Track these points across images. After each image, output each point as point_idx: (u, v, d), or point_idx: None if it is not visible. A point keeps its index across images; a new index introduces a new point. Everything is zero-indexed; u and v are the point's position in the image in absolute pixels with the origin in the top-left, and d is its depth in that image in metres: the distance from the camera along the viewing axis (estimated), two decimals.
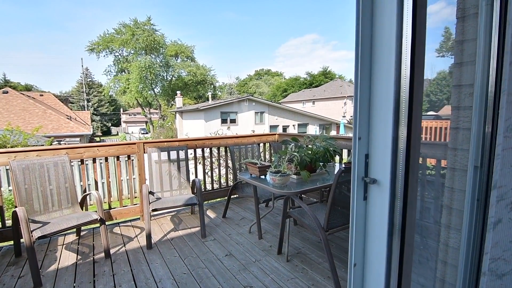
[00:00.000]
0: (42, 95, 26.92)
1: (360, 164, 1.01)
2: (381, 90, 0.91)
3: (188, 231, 3.28)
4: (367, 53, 0.97)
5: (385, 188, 0.96)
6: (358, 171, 1.01)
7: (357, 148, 0.99)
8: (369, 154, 1.00)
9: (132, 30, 29.74)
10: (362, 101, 1.01)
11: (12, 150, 2.86)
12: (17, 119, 16.60)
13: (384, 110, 0.96)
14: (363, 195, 1.02)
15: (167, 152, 3.60)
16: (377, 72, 0.92)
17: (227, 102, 21.75)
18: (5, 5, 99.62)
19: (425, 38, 0.93)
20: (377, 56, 0.92)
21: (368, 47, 0.97)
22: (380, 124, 0.97)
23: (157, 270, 2.46)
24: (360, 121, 1.00)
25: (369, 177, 1.01)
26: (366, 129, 0.98)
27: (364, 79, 0.93)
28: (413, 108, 0.85)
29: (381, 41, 0.90)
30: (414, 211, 0.90)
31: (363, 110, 1.01)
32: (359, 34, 0.96)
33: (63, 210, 2.93)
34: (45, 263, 2.63)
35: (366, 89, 0.97)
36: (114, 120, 54.02)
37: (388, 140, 0.91)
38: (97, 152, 3.33)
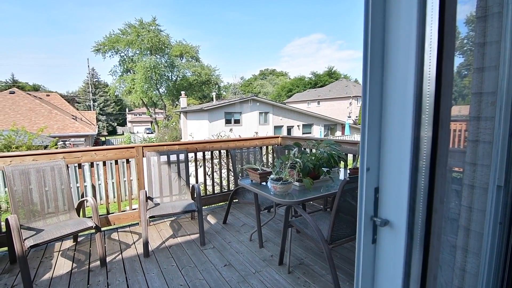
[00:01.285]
0: (48, 95, 27.20)
1: (368, 201, 0.83)
2: (396, 108, 0.76)
3: (187, 238, 3.19)
4: (378, 55, 0.83)
5: (399, 232, 0.78)
6: (365, 208, 0.83)
7: (365, 180, 0.82)
8: (380, 188, 0.83)
9: (137, 30, 29.87)
10: (372, 124, 0.81)
11: (7, 155, 2.80)
12: (23, 119, 16.76)
13: (399, 134, 0.78)
14: (371, 237, 0.84)
15: (166, 156, 3.51)
16: (390, 88, 0.78)
17: (231, 102, 21.67)
18: (14, 7, 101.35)
19: (455, 24, 0.76)
20: (390, 67, 0.78)
21: (379, 46, 0.81)
22: (394, 151, 0.80)
23: (153, 281, 2.36)
24: (369, 148, 0.81)
25: (379, 217, 0.83)
26: (376, 157, 0.82)
27: (374, 95, 0.78)
28: (439, 129, 0.69)
29: (397, 41, 0.76)
30: (437, 262, 0.76)
31: (373, 134, 0.82)
32: (369, 23, 0.80)
33: (59, 216, 2.86)
34: (40, 271, 2.56)
35: (377, 107, 0.81)
36: (120, 120, 54.41)
37: (405, 171, 0.74)
38: (94, 157, 3.25)
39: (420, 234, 0.72)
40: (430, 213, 0.70)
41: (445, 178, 0.68)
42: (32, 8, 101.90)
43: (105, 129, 47.71)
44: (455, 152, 1.30)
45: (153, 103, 34.95)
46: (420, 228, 0.72)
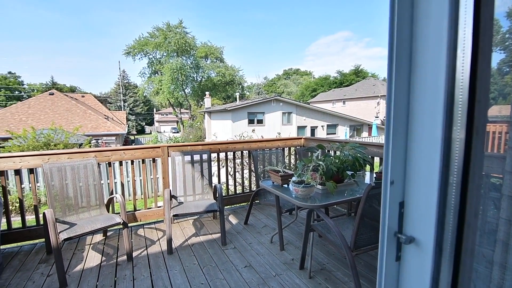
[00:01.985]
0: (83, 96, 29.02)
1: (392, 216, 0.76)
2: (424, 113, 0.69)
3: (209, 237, 3.24)
4: (405, 52, 0.75)
5: (426, 250, 0.70)
6: (389, 223, 0.77)
7: (388, 194, 0.76)
8: (405, 202, 0.76)
9: (165, 33, 30.94)
10: (397, 132, 0.74)
11: (45, 153, 3.01)
12: (60, 119, 18.02)
13: (428, 142, 0.70)
14: (395, 254, 0.78)
15: (190, 156, 3.59)
16: (418, 90, 0.72)
17: (254, 102, 21.75)
18: (54, 14, 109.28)
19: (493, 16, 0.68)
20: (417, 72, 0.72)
21: (406, 42, 0.72)
22: (422, 162, 0.72)
23: (175, 278, 2.43)
24: (394, 159, 0.74)
25: (404, 234, 0.76)
26: (402, 169, 0.75)
27: (399, 99, 0.72)
28: (473, 134, 0.61)
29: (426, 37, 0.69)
30: (469, 281, 0.69)
31: (398, 144, 0.74)
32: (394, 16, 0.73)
33: (90, 211, 3.02)
34: (72, 262, 2.73)
35: (402, 113, 0.74)
36: (148, 120, 56.74)
37: (433, 184, 0.66)
38: (123, 156, 3.41)
39: (449, 252, 0.66)
40: (461, 228, 0.63)
41: (480, 190, 0.61)
42: (70, 14, 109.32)
43: (134, 128, 49.99)
44: (493, 158, 1.19)
45: (179, 103, 36.02)
46: (450, 245, 0.65)
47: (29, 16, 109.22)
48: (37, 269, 2.60)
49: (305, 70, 72.42)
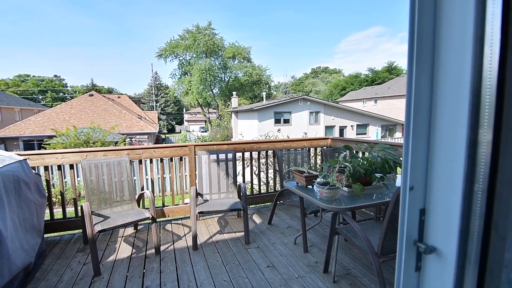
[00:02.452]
0: (119, 97, 30.84)
1: (411, 223, 0.70)
2: (448, 109, 0.64)
3: (233, 235, 3.28)
4: (427, 46, 0.67)
5: (448, 262, 0.64)
6: (408, 231, 0.70)
7: (407, 201, 0.70)
8: (427, 209, 0.70)
9: (194, 35, 31.84)
10: (417, 132, 0.67)
11: (84, 150, 3.24)
12: (99, 118, 19.31)
13: (451, 146, 0.63)
14: (414, 264, 0.72)
15: (216, 155, 3.66)
16: (442, 84, 0.66)
17: (281, 102, 21.63)
18: (94, 21, 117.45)
19: None
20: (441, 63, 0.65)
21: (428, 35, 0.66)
22: (445, 165, 0.65)
23: (199, 274, 2.49)
24: (413, 163, 0.68)
25: (424, 243, 0.69)
26: (423, 174, 0.69)
27: (420, 95, 0.66)
28: (501, 139, 0.53)
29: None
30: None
31: (418, 146, 0.68)
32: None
33: (123, 205, 3.20)
34: (106, 253, 2.91)
35: (424, 114, 0.68)
36: (178, 119, 58.89)
37: (457, 192, 0.60)
38: (153, 154, 3.57)
39: (474, 264, 0.59)
40: (487, 240, 0.57)
41: (510, 198, 0.54)
42: (108, 20, 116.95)
43: (165, 127, 52.14)
44: None
45: (207, 103, 36.91)
46: (475, 257, 0.59)
47: (73, 23, 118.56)
48: (75, 257, 2.81)
49: (334, 68, 70.63)
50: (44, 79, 59.60)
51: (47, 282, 2.39)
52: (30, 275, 2.42)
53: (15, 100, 29.62)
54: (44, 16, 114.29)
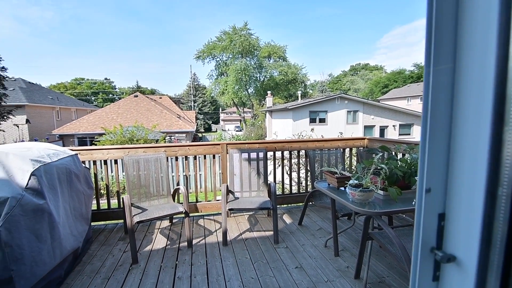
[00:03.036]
0: (161, 97, 32.71)
1: (428, 228, 0.64)
2: (469, 110, 0.56)
3: (262, 234, 3.29)
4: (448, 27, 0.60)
5: (468, 272, 0.57)
6: (423, 237, 0.65)
7: (423, 204, 0.64)
8: (447, 214, 0.63)
9: (231, 36, 32.52)
10: (435, 128, 0.62)
11: (126, 147, 3.50)
12: (142, 117, 20.69)
13: (471, 145, 0.56)
14: (432, 273, 0.66)
15: (247, 153, 3.70)
16: (464, 68, 0.57)
17: (316, 101, 21.15)
18: (139, 26, 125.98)
19: None
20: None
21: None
22: (464, 169, 0.58)
23: (228, 269, 2.54)
24: (430, 163, 0.62)
25: (443, 251, 0.63)
26: (442, 175, 0.62)
27: (439, 82, 0.58)
28: None
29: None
30: None
31: (436, 144, 0.62)
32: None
33: (159, 199, 3.40)
34: (143, 243, 3.11)
35: (443, 108, 0.61)
36: (214, 119, 60.76)
37: (479, 196, 0.53)
38: (188, 151, 3.72)
39: (495, 276, 0.51)
40: (509, 254, 0.48)
41: None
42: (151, 25, 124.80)
43: (202, 126, 54.10)
44: None
45: (242, 102, 37.48)
46: (496, 269, 0.51)
47: (121, 29, 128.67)
48: (116, 245, 3.05)
49: (376, 65, 67.13)
50: (96, 81, 65.70)
51: (92, 266, 2.63)
52: (78, 259, 2.68)
53: (71, 101, 33.05)
54: (97, 24, 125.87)
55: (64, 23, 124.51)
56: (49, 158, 2.48)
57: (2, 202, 1.87)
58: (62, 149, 2.93)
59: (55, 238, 2.20)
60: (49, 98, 26.88)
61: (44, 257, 2.07)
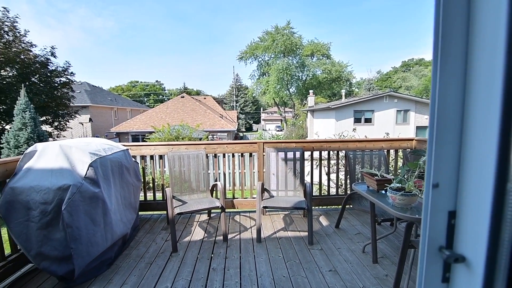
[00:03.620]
0: (205, 98, 34.22)
1: (435, 226, 0.60)
2: (477, 97, 0.52)
3: (297, 234, 3.25)
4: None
5: (476, 274, 0.52)
6: (430, 234, 0.60)
7: (430, 200, 0.60)
8: (458, 212, 0.58)
9: (273, 36, 32.59)
10: (444, 117, 0.56)
11: (170, 143, 3.75)
12: (187, 117, 21.88)
13: (480, 137, 0.51)
14: (441, 274, 0.61)
15: (284, 153, 3.69)
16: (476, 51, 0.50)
17: (362, 99, 20.12)
18: (186, 30, 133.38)
19: None
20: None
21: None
22: (472, 164, 0.53)
23: (260, 265, 2.57)
24: (438, 156, 0.57)
25: (452, 251, 0.58)
26: (452, 170, 0.56)
27: (449, 63, 0.55)
28: None
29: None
30: None
31: (445, 135, 0.57)
32: None
33: (199, 193, 3.58)
34: (183, 234, 3.30)
35: (452, 94, 0.56)
36: (256, 118, 61.56)
37: (487, 192, 0.47)
38: (226, 149, 3.85)
39: (502, 278, 0.44)
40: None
41: None
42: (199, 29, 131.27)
43: (244, 126, 55.23)
44: None
45: (283, 102, 37.34)
46: (503, 270, 0.43)
47: (172, 34, 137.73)
48: (159, 234, 3.29)
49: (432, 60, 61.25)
50: (148, 84, 71.42)
51: (137, 251, 2.88)
52: (126, 243, 2.96)
53: (127, 102, 36.37)
54: (150, 31, 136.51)
55: (122, 31, 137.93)
56: (104, 152, 2.77)
57: (65, 188, 2.16)
58: (116, 144, 3.26)
59: (107, 223, 2.46)
60: (108, 99, 30.00)
61: (98, 239, 2.34)
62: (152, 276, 2.42)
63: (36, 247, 2.11)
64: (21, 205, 2.13)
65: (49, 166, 2.32)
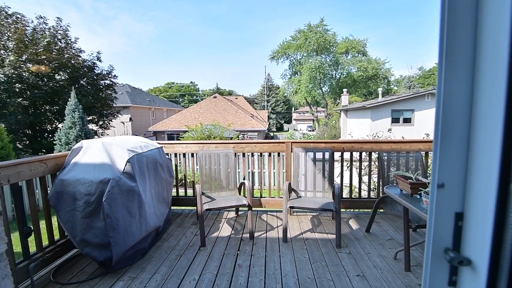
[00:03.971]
0: (236, 98, 34.77)
1: (441, 227, 0.57)
2: (484, 95, 0.47)
3: (324, 236, 3.19)
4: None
5: (481, 277, 0.50)
6: (435, 236, 0.58)
7: (435, 201, 0.57)
8: (465, 214, 0.55)
9: (306, 34, 32.10)
10: (450, 113, 0.54)
11: (200, 142, 3.90)
12: (219, 116, 22.42)
13: (484, 135, 0.48)
14: (447, 278, 0.58)
15: (313, 153, 3.64)
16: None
17: (400, 98, 18.98)
18: (219, 32, 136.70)
19: None
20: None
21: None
22: (478, 164, 0.50)
23: (285, 265, 2.57)
24: (443, 155, 0.55)
25: (457, 253, 0.56)
26: (460, 170, 0.53)
27: (457, 51, 0.51)
28: None
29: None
30: None
31: (451, 133, 0.54)
32: None
33: (227, 191, 3.67)
34: (212, 229, 3.41)
35: (460, 90, 0.53)
36: (287, 118, 61.14)
37: (491, 193, 0.45)
38: (254, 148, 3.89)
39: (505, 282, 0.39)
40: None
41: None
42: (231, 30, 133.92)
43: (274, 126, 55.13)
44: None
45: (315, 101, 36.60)
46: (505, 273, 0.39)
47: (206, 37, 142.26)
48: (189, 228, 3.44)
49: None
50: (184, 85, 74.44)
51: (169, 243, 3.04)
52: (159, 235, 3.14)
53: (164, 102, 38.30)
54: (185, 34, 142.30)
55: (160, 36, 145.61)
56: (141, 149, 2.97)
57: (106, 181, 2.36)
58: (151, 142, 3.46)
59: (142, 215, 2.64)
60: (147, 100, 31.85)
61: (133, 230, 2.51)
62: (181, 268, 2.54)
63: (80, 234, 2.34)
64: (68, 196, 2.37)
65: (93, 161, 2.55)
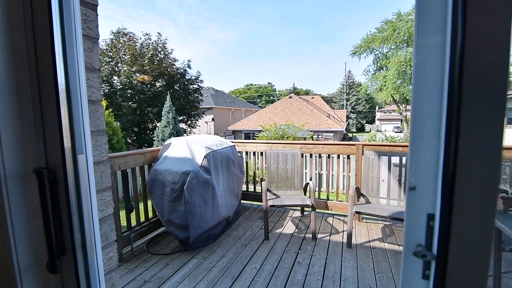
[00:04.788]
0: (313, 97, 34.13)
1: (415, 227, 0.63)
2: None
3: (395, 247, 2.96)
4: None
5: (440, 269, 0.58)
6: (407, 236, 0.65)
7: (409, 202, 0.64)
8: (436, 215, 0.60)
9: (394, 24, 28.95)
10: (423, 119, 0.61)
11: (268, 142, 4.12)
12: (294, 116, 22.48)
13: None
14: (421, 271, 0.64)
15: (387, 157, 3.40)
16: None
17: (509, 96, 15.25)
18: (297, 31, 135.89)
19: None
20: None
21: None
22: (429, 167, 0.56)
23: (346, 270, 2.52)
24: (415, 159, 0.62)
25: (424, 248, 0.62)
26: (431, 173, 0.59)
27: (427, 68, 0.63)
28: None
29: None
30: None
31: (424, 136, 0.61)
32: None
33: (292, 190, 3.77)
34: (276, 225, 3.58)
35: (435, 94, 0.60)
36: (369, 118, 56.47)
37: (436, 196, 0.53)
38: (321, 149, 3.88)
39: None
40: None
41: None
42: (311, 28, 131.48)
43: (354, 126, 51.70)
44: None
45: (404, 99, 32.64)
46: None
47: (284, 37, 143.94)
48: (256, 221, 3.69)
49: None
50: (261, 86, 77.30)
51: (237, 232, 3.36)
52: (228, 225, 3.50)
53: (242, 103, 40.74)
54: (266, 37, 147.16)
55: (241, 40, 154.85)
56: (216, 147, 3.36)
57: (187, 173, 2.79)
58: (225, 140, 3.86)
59: (215, 205, 3.01)
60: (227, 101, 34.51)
61: (207, 216, 2.89)
62: (245, 256, 2.79)
63: (166, 215, 2.84)
64: (159, 183, 2.90)
65: (178, 155, 3.05)
